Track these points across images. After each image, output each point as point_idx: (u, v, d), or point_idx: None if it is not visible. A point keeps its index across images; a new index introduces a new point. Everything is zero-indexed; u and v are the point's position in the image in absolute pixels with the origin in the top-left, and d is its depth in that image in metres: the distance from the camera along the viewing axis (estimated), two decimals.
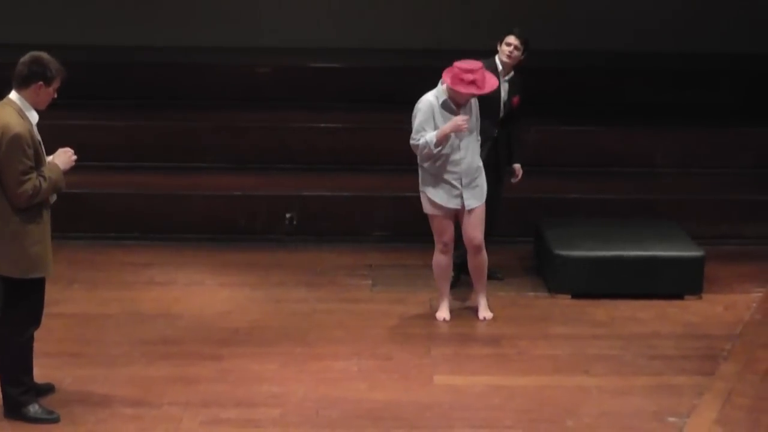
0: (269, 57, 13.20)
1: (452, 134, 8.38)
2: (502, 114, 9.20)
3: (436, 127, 8.39)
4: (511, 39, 9.10)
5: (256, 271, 9.94)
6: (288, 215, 10.74)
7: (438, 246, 8.74)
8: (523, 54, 9.12)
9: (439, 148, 8.39)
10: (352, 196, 10.83)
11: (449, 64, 8.53)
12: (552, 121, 11.87)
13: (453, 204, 8.56)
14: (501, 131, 9.27)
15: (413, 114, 8.50)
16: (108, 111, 12.05)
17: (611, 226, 10.00)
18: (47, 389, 7.43)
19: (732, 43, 13.94)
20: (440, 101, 8.43)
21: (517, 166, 9.50)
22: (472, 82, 8.31)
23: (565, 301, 9.30)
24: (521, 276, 9.93)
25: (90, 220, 10.61)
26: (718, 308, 9.27)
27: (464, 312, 9.05)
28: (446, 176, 8.49)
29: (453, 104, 8.43)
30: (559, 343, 8.49)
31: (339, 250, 10.44)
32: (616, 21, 13.84)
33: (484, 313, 8.90)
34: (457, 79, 8.30)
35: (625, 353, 8.30)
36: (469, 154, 8.53)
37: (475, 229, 8.67)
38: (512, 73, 9.19)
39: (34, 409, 7.10)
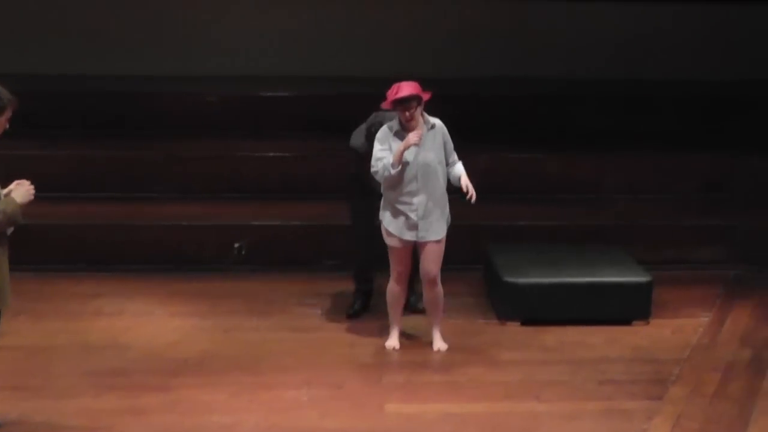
0: (217, 85, 13.20)
1: (411, 163, 8.34)
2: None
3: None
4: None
5: (205, 300, 9.89)
6: (237, 244, 10.71)
7: (392, 274, 8.73)
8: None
9: (397, 169, 8.31)
10: (302, 225, 10.82)
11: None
12: (500, 148, 11.94)
13: (408, 236, 8.52)
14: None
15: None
16: (55, 140, 11.98)
17: (559, 253, 10.06)
18: None
19: (677, 70, 14.10)
20: (394, 130, 8.43)
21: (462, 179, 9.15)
22: (395, 96, 8.31)
23: (515, 327, 9.33)
24: (471, 303, 9.95)
25: (37, 250, 10.49)
26: (666, 333, 9.33)
27: (415, 339, 9.04)
28: (402, 207, 8.46)
29: (404, 132, 8.40)
30: (509, 370, 8.51)
31: (289, 279, 10.42)
32: (562, 48, 13.98)
33: (439, 344, 8.84)
34: (388, 102, 8.36)
35: (575, 378, 8.33)
36: (429, 187, 8.44)
37: (430, 263, 8.63)
38: (431, 124, 8.70)
39: None
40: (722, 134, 12.84)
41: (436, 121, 8.54)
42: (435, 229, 8.55)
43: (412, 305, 9.33)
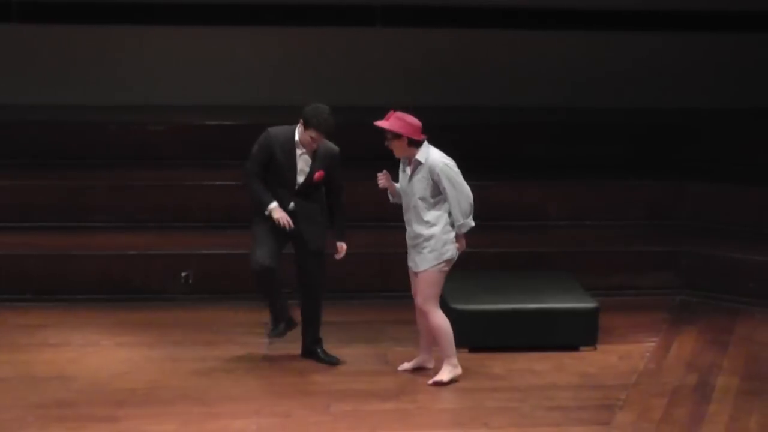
0: (162, 115, 13.16)
1: (404, 193, 8.60)
2: (298, 185, 8.78)
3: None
4: (317, 135, 8.65)
5: (152, 330, 9.84)
6: (184, 274, 10.67)
7: None
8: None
9: (394, 199, 8.73)
10: (248, 254, 10.77)
11: (343, 120, 8.59)
12: None
13: (408, 261, 8.73)
14: (304, 206, 8.83)
15: None
16: None
17: (507, 279, 10.10)
18: None
19: (622, 98, 14.24)
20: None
21: (340, 244, 9.06)
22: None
23: (463, 354, 9.31)
24: (419, 330, 9.93)
25: None
26: (613, 358, 9.38)
27: (364, 367, 9.04)
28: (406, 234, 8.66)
29: (402, 161, 8.64)
30: (458, 397, 8.52)
31: (236, 308, 10.38)
32: (509, 76, 14.08)
33: (438, 378, 8.71)
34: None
35: (524, 405, 8.35)
36: (412, 220, 8.55)
37: (417, 293, 8.71)
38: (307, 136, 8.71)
39: None
40: (667, 161, 12.96)
41: (427, 158, 8.48)
42: (418, 261, 8.59)
43: (324, 359, 9.18)
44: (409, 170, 8.51)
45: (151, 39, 14.01)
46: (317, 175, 8.77)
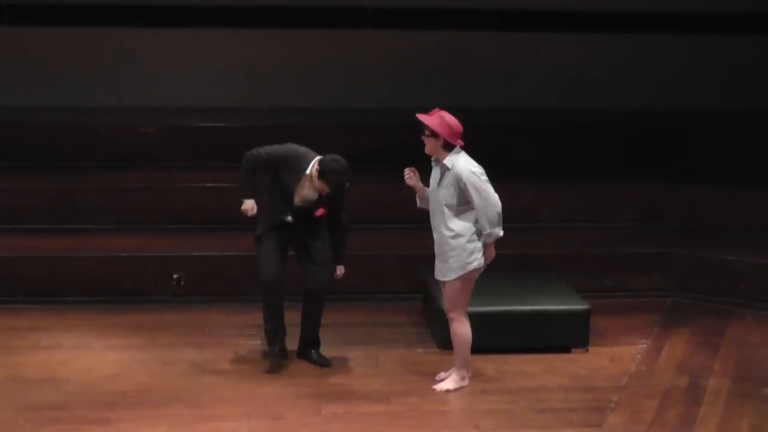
0: (153, 117, 13.16)
1: (431, 199, 8.47)
2: (295, 205, 8.77)
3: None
4: (326, 189, 8.65)
5: (143, 332, 9.83)
6: (175, 276, 10.67)
7: None
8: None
9: (421, 204, 8.60)
10: (240, 256, 10.78)
11: (334, 122, 8.59)
12: None
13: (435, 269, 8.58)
14: (303, 220, 8.83)
15: None
16: None
17: (498, 281, 10.08)
18: None
19: (613, 100, 14.27)
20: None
21: (339, 267, 9.07)
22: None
23: None
24: (411, 332, 9.97)
25: None
26: (604, 361, 9.39)
27: (355, 369, 9.05)
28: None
29: (434, 164, 8.54)
30: (449, 399, 8.52)
31: (227, 310, 10.39)
32: (499, 78, 14.09)
33: (441, 384, 8.68)
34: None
35: (515, 407, 8.36)
36: (437, 227, 8.42)
37: (444, 300, 8.62)
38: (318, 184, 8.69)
39: None
40: (658, 163, 12.98)
41: (455, 164, 8.37)
42: (443, 271, 8.47)
43: (316, 360, 9.18)
44: (438, 175, 8.37)
45: (143, 41, 14.01)
46: (319, 211, 8.76)
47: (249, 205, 8.89)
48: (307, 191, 8.73)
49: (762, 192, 11.82)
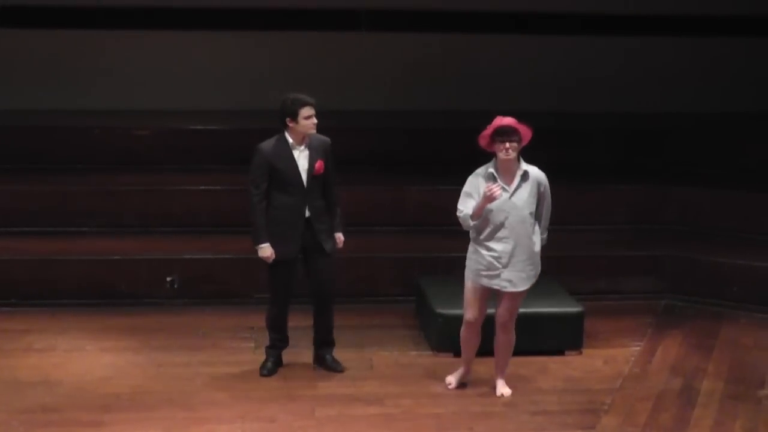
0: (146, 119, 13.15)
1: (499, 210, 8.06)
2: (306, 183, 8.69)
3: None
4: (311, 110, 8.68)
5: (137, 335, 9.83)
6: (169, 278, 10.66)
7: (464, 318, 8.51)
8: None
9: (476, 222, 8.09)
10: (234, 259, 10.79)
11: (327, 124, 8.59)
12: (431, 181, 11.99)
13: (486, 282, 8.27)
14: (316, 208, 8.76)
15: None
16: None
17: None
18: None
19: (607, 102, 14.28)
20: (486, 172, 8.17)
21: (337, 235, 8.94)
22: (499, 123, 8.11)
23: (448, 359, 9.34)
24: (404, 335, 9.97)
25: None
26: (598, 363, 9.40)
27: (349, 372, 9.05)
28: (486, 253, 8.19)
29: (497, 174, 8.15)
30: (442, 402, 8.52)
31: (221, 313, 10.39)
32: (493, 81, 14.10)
33: (502, 389, 8.63)
34: (486, 135, 8.15)
35: (508, 410, 8.36)
36: (516, 235, 8.13)
37: (505, 310, 8.37)
38: (308, 140, 8.72)
39: None
40: (651, 166, 13.00)
41: (532, 169, 8.25)
42: (517, 281, 8.25)
43: (329, 365, 9.16)
44: (497, 192, 7.98)
45: (136, 44, 14.01)
46: (318, 165, 8.70)
47: (268, 252, 8.73)
48: (300, 159, 8.68)
49: (756, 195, 11.85)
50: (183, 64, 14.06)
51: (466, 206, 8.15)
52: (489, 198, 7.99)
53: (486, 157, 8.22)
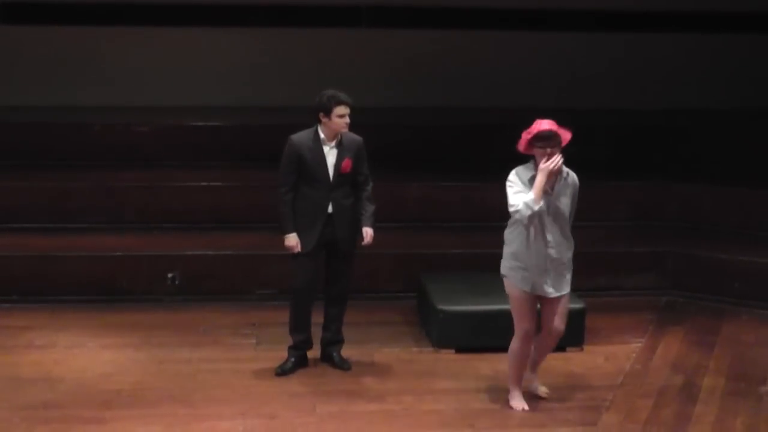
0: (147, 115, 13.15)
1: (545, 212, 7.86)
2: (332, 179, 8.71)
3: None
4: (346, 110, 8.71)
5: (138, 331, 9.82)
6: (170, 275, 10.65)
7: (517, 333, 8.17)
8: None
9: (540, 204, 7.72)
10: (235, 255, 10.79)
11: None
12: (432, 177, 11.98)
13: (537, 289, 8.02)
14: (340, 205, 8.78)
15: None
16: None
17: (492, 280, 10.04)
18: None
19: (607, 98, 14.27)
20: (529, 175, 7.96)
21: (366, 229, 8.92)
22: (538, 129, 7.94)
23: (449, 355, 9.34)
24: (405, 331, 9.96)
25: None
26: (599, 359, 9.40)
27: (348, 369, 9.04)
28: (533, 259, 7.97)
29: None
30: (444, 398, 8.51)
31: (222, 310, 10.38)
32: (494, 77, 14.10)
33: (543, 388, 8.54)
34: (524, 141, 7.96)
35: (509, 406, 8.34)
36: (558, 238, 7.98)
37: (559, 320, 8.16)
38: (339, 137, 8.74)
39: None
40: (652, 162, 12.99)
41: (571, 172, 8.18)
42: (558, 285, 8.08)
43: (337, 363, 9.13)
44: (557, 159, 7.86)
45: (136, 40, 14.00)
46: (345, 163, 8.72)
47: (294, 241, 8.73)
48: (330, 156, 8.71)
49: (757, 191, 11.83)
50: (183, 61, 14.05)
51: (521, 198, 7.84)
52: (550, 172, 7.79)
53: (482, 152, 8.23)
